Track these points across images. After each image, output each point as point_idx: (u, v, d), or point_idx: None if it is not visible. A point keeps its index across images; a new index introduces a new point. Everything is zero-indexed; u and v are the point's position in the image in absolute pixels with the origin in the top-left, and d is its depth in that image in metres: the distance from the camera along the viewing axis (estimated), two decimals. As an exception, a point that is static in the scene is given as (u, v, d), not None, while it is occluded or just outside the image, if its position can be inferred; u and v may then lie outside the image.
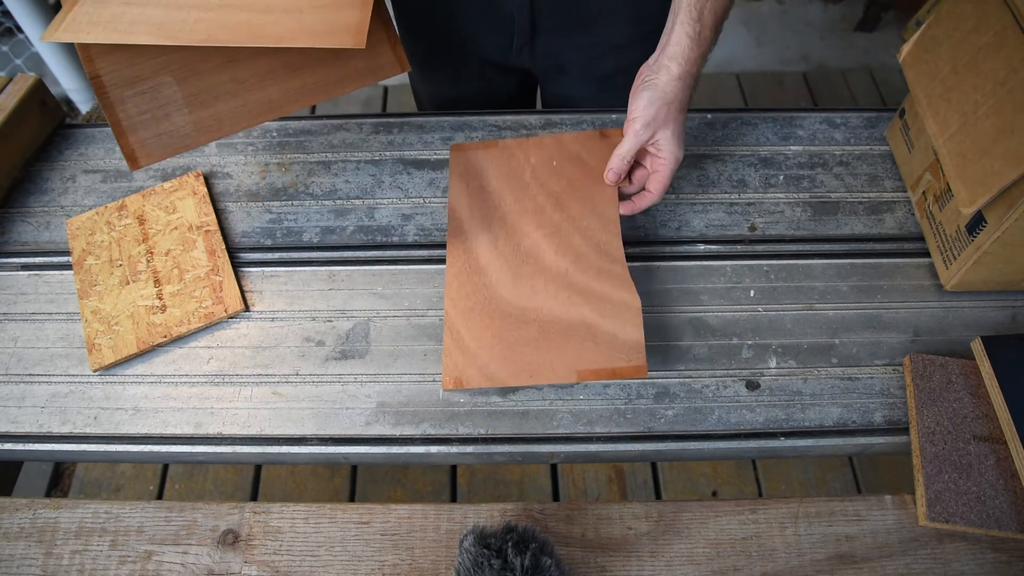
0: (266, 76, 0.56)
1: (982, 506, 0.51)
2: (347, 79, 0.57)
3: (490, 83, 0.87)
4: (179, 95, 0.55)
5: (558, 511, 0.54)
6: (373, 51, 0.57)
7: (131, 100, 0.54)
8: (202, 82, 0.55)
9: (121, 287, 0.64)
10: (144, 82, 0.54)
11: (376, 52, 0.57)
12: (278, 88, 0.56)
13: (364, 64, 0.57)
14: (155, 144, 0.55)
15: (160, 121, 0.55)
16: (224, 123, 0.56)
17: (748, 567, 0.51)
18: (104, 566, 0.52)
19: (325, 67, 0.57)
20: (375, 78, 0.57)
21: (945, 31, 0.61)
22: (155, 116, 0.55)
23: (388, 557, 0.52)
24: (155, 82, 0.54)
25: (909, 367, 0.58)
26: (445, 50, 0.83)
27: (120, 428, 0.58)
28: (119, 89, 0.54)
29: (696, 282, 0.65)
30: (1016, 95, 0.52)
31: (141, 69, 0.54)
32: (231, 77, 0.56)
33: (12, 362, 0.61)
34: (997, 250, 0.57)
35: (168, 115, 0.55)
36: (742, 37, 2.06)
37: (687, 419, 0.57)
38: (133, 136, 0.55)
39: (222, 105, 0.56)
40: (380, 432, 0.57)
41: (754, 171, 0.73)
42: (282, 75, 0.56)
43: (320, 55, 0.57)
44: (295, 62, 0.57)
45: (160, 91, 0.54)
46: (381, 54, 0.57)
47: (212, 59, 0.55)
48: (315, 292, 0.65)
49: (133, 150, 0.54)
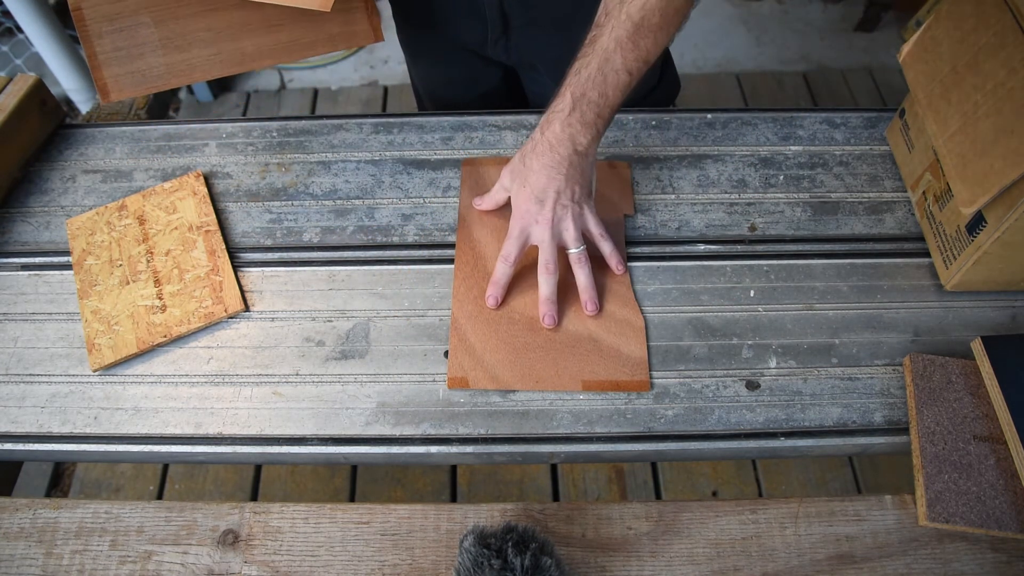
0: (242, 29, 0.58)
1: (982, 506, 0.51)
2: (320, 42, 0.59)
3: (474, 72, 0.88)
4: (155, 36, 0.57)
5: (558, 511, 0.54)
6: (348, 17, 0.59)
7: (108, 36, 0.56)
8: (179, 26, 0.57)
9: (121, 287, 0.64)
10: (123, 19, 0.56)
11: (351, 19, 0.59)
12: (252, 42, 0.58)
13: (339, 29, 0.59)
14: (127, 80, 0.57)
15: (135, 59, 0.57)
16: (196, 69, 0.58)
17: (748, 567, 0.51)
18: (104, 566, 0.52)
19: (300, 27, 0.58)
20: (348, 45, 0.59)
21: (945, 31, 0.61)
22: (130, 54, 0.57)
23: (388, 557, 0.52)
24: (133, 21, 0.56)
25: (909, 367, 0.58)
26: (431, 37, 0.85)
27: (120, 428, 0.58)
28: (98, 24, 0.56)
29: (696, 282, 0.65)
30: (1016, 95, 0.52)
31: (122, 7, 0.56)
32: (207, 25, 0.57)
33: (12, 362, 0.61)
34: (997, 250, 0.57)
35: (143, 54, 0.57)
36: (742, 37, 2.06)
37: (687, 419, 0.57)
38: (107, 70, 0.57)
39: (196, 51, 0.57)
40: (380, 432, 0.57)
41: (754, 171, 0.73)
42: (258, 30, 0.58)
43: (297, 14, 0.58)
44: (272, 18, 0.58)
45: (137, 30, 0.56)
46: (356, 22, 0.59)
47: (191, 5, 0.57)
48: (315, 292, 0.65)
49: (105, 83, 0.56)
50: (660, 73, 0.86)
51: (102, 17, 0.57)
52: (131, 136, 0.77)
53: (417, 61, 0.92)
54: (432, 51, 0.87)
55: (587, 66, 0.57)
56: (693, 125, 0.76)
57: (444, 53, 0.86)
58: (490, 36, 0.79)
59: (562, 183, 0.59)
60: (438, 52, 0.87)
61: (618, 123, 0.76)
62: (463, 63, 0.86)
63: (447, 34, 0.82)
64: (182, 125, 0.78)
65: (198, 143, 0.76)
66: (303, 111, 1.91)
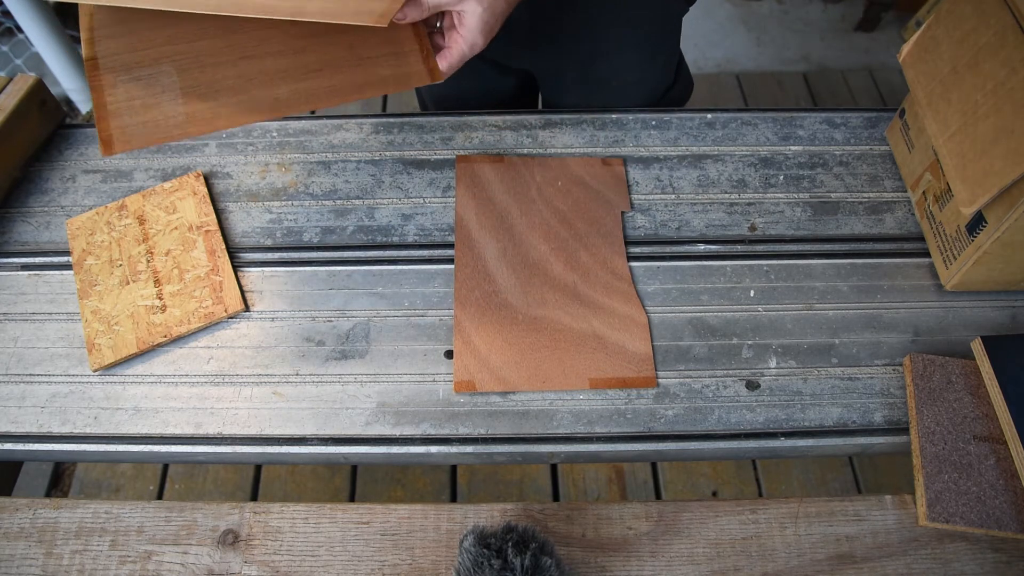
0: (276, 75, 0.51)
1: (982, 506, 0.51)
2: (369, 85, 0.52)
3: (490, 82, 0.87)
4: (176, 85, 0.50)
5: (558, 511, 0.54)
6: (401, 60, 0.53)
7: (123, 85, 0.50)
8: (205, 75, 0.51)
9: (121, 287, 0.64)
10: (142, 68, 0.50)
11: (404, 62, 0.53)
12: (288, 88, 0.51)
13: (391, 72, 0.52)
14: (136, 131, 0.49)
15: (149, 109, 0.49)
16: (220, 117, 0.50)
17: (748, 567, 0.51)
18: (104, 566, 0.52)
19: (344, 72, 0.52)
20: (401, 87, 0.52)
21: (945, 31, 0.61)
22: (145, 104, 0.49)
23: (388, 557, 0.52)
24: (154, 70, 0.50)
25: (909, 367, 0.58)
26: None
27: (120, 428, 0.58)
28: (113, 74, 0.50)
29: (696, 282, 0.65)
30: (1016, 95, 0.52)
31: (142, 56, 0.50)
32: (238, 72, 0.51)
33: (12, 362, 0.61)
34: (997, 250, 0.57)
35: (159, 104, 0.49)
36: (742, 37, 2.06)
37: (687, 419, 0.57)
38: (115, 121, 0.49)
39: (222, 99, 0.50)
40: (380, 432, 0.57)
41: (754, 171, 0.73)
42: (295, 75, 0.51)
43: (341, 59, 0.52)
44: (312, 64, 0.52)
45: (157, 79, 0.50)
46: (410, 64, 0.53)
47: (221, 52, 0.51)
48: (315, 292, 0.65)
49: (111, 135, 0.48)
50: (675, 73, 0.86)
51: (119, 66, 0.50)
52: (131, 136, 0.77)
53: None
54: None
55: None
56: (693, 125, 0.76)
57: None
58: (514, 44, 0.78)
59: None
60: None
61: (618, 123, 0.76)
62: (478, 74, 0.85)
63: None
64: (182, 125, 0.78)
65: (198, 143, 0.76)
66: (303, 111, 1.91)
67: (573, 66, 0.80)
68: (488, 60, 0.83)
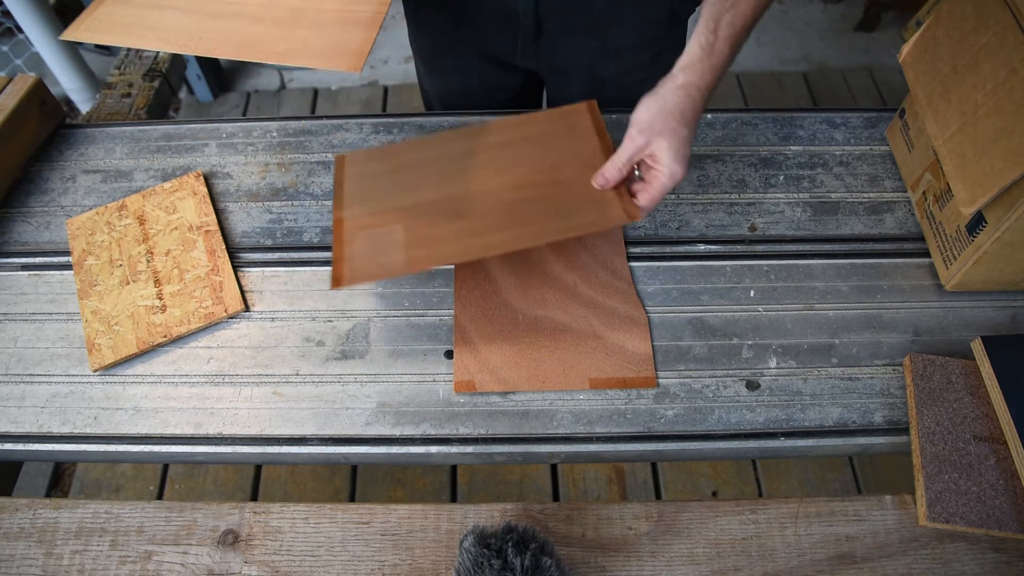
0: (487, 229, 0.58)
1: (982, 506, 0.51)
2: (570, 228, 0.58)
3: (495, 81, 0.87)
4: (403, 239, 0.59)
5: (558, 511, 0.54)
6: (602, 206, 0.59)
7: (360, 240, 0.59)
8: (427, 231, 0.59)
9: (121, 287, 0.64)
10: (378, 228, 0.60)
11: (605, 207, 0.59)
12: (497, 237, 0.58)
13: (594, 217, 0.58)
14: (362, 270, 0.57)
15: (377, 255, 0.58)
16: (434, 260, 0.58)
17: (748, 567, 0.51)
18: (104, 566, 0.52)
19: (551, 221, 0.58)
20: (602, 228, 0.59)
21: (945, 31, 0.61)
22: (374, 251, 0.58)
23: (388, 557, 0.52)
24: (388, 229, 0.59)
25: (909, 367, 0.58)
26: (451, 46, 0.83)
27: (120, 428, 0.58)
28: (354, 231, 0.60)
29: (696, 282, 0.65)
30: (1016, 95, 0.52)
31: (379, 219, 0.60)
32: (456, 228, 0.59)
33: (12, 362, 0.61)
34: (997, 250, 0.57)
35: (387, 251, 0.58)
36: (742, 37, 2.06)
37: (687, 419, 0.57)
38: (348, 265, 0.58)
39: (439, 247, 0.58)
40: (380, 432, 0.57)
41: (754, 171, 0.73)
42: (504, 226, 0.58)
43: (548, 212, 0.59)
44: (519, 217, 0.59)
45: (389, 236, 0.59)
46: (610, 208, 0.59)
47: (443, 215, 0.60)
48: (315, 292, 0.65)
49: (343, 274, 0.57)
50: None
51: (360, 226, 0.60)
52: (131, 136, 0.77)
53: (433, 71, 0.90)
54: (452, 60, 0.85)
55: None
56: (693, 125, 0.76)
57: (465, 62, 0.84)
58: (520, 43, 0.77)
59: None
60: (458, 61, 0.85)
61: (619, 123, 0.76)
62: (484, 72, 0.85)
63: (472, 42, 0.81)
64: (182, 125, 0.78)
65: (198, 143, 0.76)
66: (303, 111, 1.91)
67: (579, 65, 0.80)
68: (494, 59, 0.83)
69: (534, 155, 0.64)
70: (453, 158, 0.64)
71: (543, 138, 0.64)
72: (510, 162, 0.63)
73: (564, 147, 0.64)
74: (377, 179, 0.64)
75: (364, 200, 0.63)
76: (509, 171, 0.63)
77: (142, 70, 0.98)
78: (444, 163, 0.64)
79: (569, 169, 0.62)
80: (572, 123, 0.65)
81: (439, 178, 0.63)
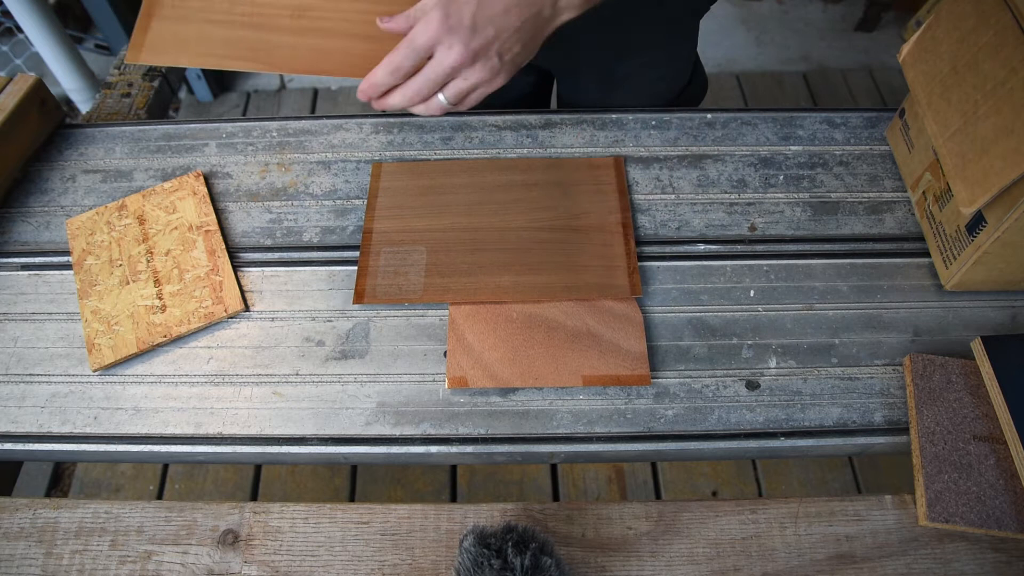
0: (503, 267, 0.64)
1: (982, 506, 0.51)
2: (575, 289, 0.63)
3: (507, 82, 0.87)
4: (424, 262, 0.64)
5: (558, 511, 0.54)
6: (611, 273, 0.64)
7: (385, 255, 0.65)
8: (447, 257, 0.64)
9: (121, 287, 0.64)
10: (403, 245, 0.65)
11: (614, 276, 0.63)
12: (510, 279, 0.63)
13: (601, 281, 0.63)
14: (383, 290, 0.63)
15: (398, 275, 0.64)
16: (449, 292, 0.62)
17: (748, 567, 0.51)
18: (104, 566, 0.52)
19: (559, 273, 0.63)
20: (603, 295, 0.62)
21: (945, 31, 0.61)
22: (396, 271, 0.64)
23: (388, 557, 0.52)
24: (411, 248, 0.65)
25: (909, 367, 0.58)
26: None
27: (120, 428, 0.58)
28: (380, 245, 0.66)
29: (696, 282, 0.65)
30: (1016, 95, 0.52)
31: (406, 236, 0.66)
32: (473, 260, 0.64)
33: (12, 362, 0.61)
34: (997, 250, 0.57)
35: (407, 273, 0.64)
36: (742, 37, 2.06)
37: (687, 419, 0.57)
38: (371, 279, 0.63)
39: (455, 278, 0.63)
40: (380, 432, 0.57)
41: (754, 171, 0.73)
42: (517, 269, 0.64)
43: (559, 263, 0.64)
44: (533, 265, 0.64)
45: (411, 255, 0.65)
46: (617, 278, 0.63)
47: (463, 243, 0.65)
48: (315, 292, 0.65)
49: (364, 289, 0.63)
50: (691, 73, 0.86)
51: (387, 241, 0.66)
52: (131, 136, 0.77)
53: None
54: None
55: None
56: (693, 125, 0.76)
57: None
58: None
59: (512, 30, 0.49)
60: None
61: (618, 123, 0.76)
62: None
63: None
64: (182, 125, 0.78)
65: (198, 143, 0.76)
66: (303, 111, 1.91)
67: (591, 65, 0.80)
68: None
69: (557, 200, 0.69)
70: (483, 189, 0.69)
71: (569, 185, 0.70)
72: (534, 204, 0.68)
73: (587, 198, 0.69)
74: (408, 196, 0.69)
75: (394, 215, 0.68)
76: (531, 212, 0.68)
77: (142, 70, 0.98)
78: (473, 192, 0.69)
79: (587, 219, 0.67)
80: (598, 176, 0.71)
81: (466, 207, 0.68)
